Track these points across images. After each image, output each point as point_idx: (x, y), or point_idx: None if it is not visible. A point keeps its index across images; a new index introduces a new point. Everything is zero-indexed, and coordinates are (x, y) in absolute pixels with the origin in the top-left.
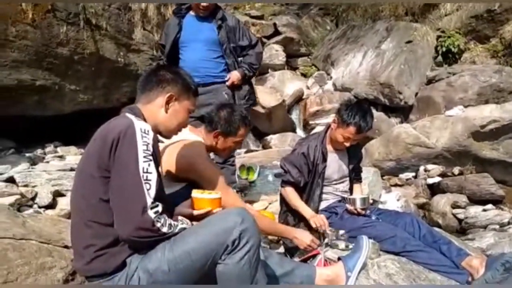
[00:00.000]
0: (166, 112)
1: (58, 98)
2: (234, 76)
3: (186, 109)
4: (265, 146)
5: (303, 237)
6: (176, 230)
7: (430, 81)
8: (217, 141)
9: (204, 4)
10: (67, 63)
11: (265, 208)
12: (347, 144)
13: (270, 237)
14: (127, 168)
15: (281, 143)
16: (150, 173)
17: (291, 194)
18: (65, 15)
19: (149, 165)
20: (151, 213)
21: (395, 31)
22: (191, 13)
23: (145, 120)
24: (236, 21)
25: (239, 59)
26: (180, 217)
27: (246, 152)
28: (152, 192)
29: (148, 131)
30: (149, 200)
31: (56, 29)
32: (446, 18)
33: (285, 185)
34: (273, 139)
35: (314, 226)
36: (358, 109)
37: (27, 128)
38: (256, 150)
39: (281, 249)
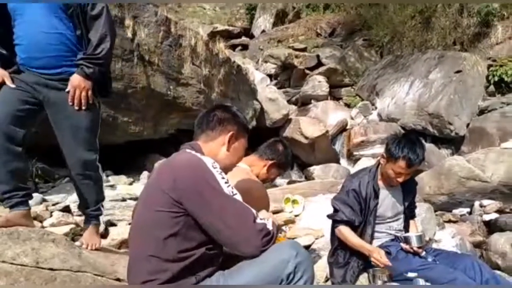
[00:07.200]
0: (228, 150)
1: (112, 129)
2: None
3: (243, 147)
4: (308, 177)
5: None
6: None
7: (482, 112)
8: (267, 171)
9: None
10: (121, 96)
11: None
12: (400, 180)
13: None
14: (218, 198)
15: (324, 174)
16: (236, 194)
17: (347, 233)
18: (120, 52)
19: (232, 188)
20: (259, 220)
21: (444, 60)
22: None
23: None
24: None
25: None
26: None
27: (288, 183)
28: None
29: (216, 162)
30: (253, 210)
31: (112, 65)
32: (497, 46)
33: (338, 225)
34: (316, 170)
35: (373, 261)
36: (406, 142)
37: None
38: (299, 181)
39: None
